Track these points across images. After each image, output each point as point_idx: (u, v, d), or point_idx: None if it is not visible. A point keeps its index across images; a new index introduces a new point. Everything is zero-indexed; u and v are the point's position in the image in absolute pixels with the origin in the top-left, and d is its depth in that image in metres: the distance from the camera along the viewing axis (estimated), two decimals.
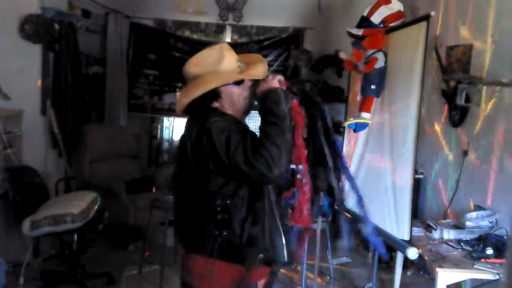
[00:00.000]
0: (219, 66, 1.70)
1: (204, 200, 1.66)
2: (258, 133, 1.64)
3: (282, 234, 1.71)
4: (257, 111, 1.71)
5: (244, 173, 1.55)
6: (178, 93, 5.92)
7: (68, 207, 3.33)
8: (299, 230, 1.83)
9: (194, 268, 1.73)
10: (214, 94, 1.70)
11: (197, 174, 1.66)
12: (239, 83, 1.72)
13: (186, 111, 1.76)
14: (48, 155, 4.24)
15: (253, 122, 2.09)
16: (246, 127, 1.80)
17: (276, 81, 1.70)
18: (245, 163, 1.52)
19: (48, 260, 3.82)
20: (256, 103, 1.75)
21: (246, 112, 1.79)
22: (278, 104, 1.61)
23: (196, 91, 1.68)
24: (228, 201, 1.64)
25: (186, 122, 1.80)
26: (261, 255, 1.67)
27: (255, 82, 1.75)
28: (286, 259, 1.72)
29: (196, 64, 1.73)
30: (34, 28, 3.92)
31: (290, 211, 2.12)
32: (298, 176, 1.70)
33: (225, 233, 1.63)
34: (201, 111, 1.72)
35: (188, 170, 1.69)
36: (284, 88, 1.70)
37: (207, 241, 1.66)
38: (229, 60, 1.72)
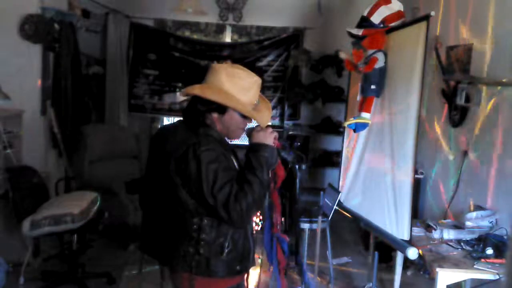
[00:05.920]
0: (243, 93, 1.75)
1: (181, 218, 1.72)
2: (242, 173, 1.70)
3: (251, 245, 1.83)
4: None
5: (216, 210, 1.62)
6: (178, 93, 5.92)
7: (68, 207, 3.33)
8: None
9: (177, 282, 1.84)
10: (222, 108, 1.75)
11: (175, 188, 1.69)
12: (244, 116, 1.79)
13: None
14: (48, 155, 4.25)
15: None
16: (228, 147, 1.83)
17: (273, 138, 1.78)
18: (224, 207, 1.60)
19: (48, 260, 3.81)
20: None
21: (231, 138, 1.86)
22: (269, 161, 1.71)
23: (213, 96, 1.72)
24: (205, 221, 1.69)
25: (179, 125, 1.83)
26: (239, 267, 1.77)
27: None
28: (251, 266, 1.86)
29: (229, 77, 1.75)
30: (34, 28, 3.92)
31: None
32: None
33: (201, 251, 1.70)
34: (197, 111, 1.76)
35: (167, 181, 1.71)
36: (276, 147, 1.80)
37: (183, 258, 1.72)
38: (253, 95, 1.80)
